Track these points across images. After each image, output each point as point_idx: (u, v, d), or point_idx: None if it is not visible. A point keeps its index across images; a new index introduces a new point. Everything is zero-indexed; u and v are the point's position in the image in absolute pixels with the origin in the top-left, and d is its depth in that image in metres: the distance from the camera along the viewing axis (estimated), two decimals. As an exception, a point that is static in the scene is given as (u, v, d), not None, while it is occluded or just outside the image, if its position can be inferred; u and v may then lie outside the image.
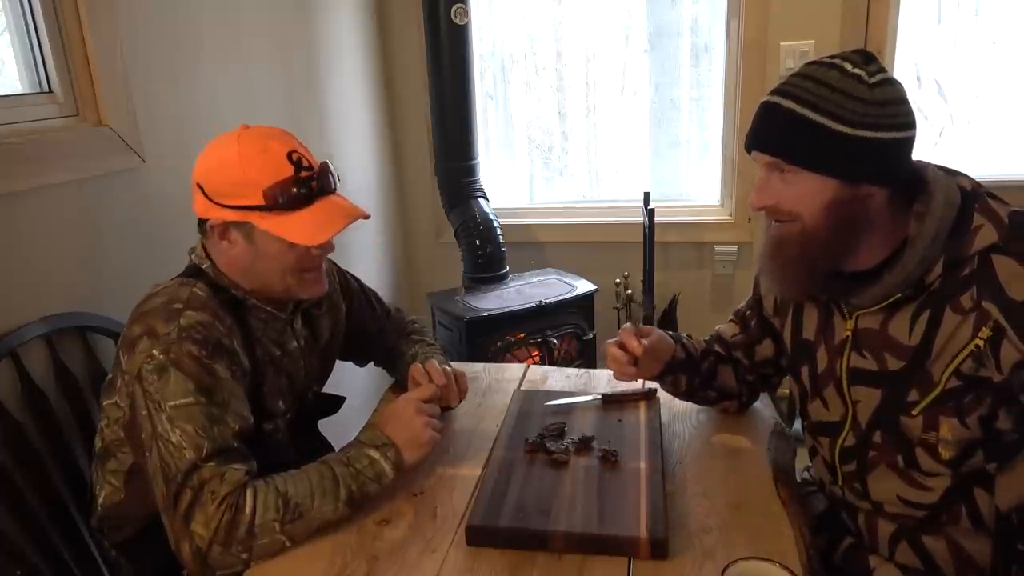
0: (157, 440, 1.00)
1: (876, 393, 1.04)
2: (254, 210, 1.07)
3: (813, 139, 0.93)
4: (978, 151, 2.61)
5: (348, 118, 2.54)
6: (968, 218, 0.95)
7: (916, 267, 0.96)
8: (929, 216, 0.95)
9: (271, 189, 1.06)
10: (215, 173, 1.09)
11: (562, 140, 3.00)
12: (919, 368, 0.99)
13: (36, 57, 1.39)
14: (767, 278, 1.12)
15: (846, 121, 0.91)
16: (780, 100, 0.96)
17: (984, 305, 0.92)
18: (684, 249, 2.83)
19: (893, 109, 0.92)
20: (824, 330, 1.12)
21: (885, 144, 0.92)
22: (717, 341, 1.33)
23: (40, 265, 1.32)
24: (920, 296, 0.98)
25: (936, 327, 0.96)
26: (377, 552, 1.01)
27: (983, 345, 0.92)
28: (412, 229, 3.06)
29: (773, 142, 0.98)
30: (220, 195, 1.08)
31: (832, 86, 0.92)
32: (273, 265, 1.12)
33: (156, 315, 1.05)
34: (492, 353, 2.34)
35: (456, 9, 2.44)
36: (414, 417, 1.12)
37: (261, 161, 1.07)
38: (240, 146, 1.07)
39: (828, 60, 0.95)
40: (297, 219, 1.08)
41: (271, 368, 1.19)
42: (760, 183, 1.01)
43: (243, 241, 1.11)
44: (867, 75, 0.92)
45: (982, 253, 0.93)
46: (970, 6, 2.57)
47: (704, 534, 1.02)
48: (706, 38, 2.75)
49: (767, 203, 1.00)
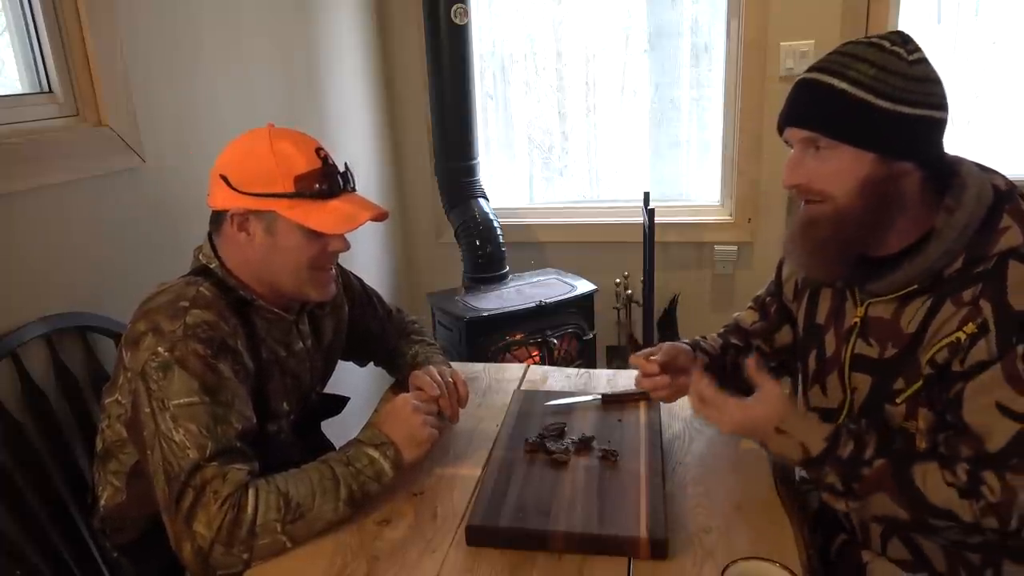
0: (159, 439, 1.00)
1: (868, 380, 1.05)
2: (282, 198, 1.09)
3: (853, 113, 0.92)
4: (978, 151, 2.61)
5: (348, 118, 2.54)
6: (997, 217, 0.94)
7: (938, 260, 0.95)
8: (960, 210, 0.95)
9: (301, 178, 1.09)
10: (246, 161, 1.11)
11: (562, 140, 3.00)
12: (910, 357, 0.99)
13: (36, 57, 1.39)
14: (795, 260, 1.10)
15: (886, 96, 0.91)
16: (819, 76, 0.96)
17: (980, 303, 0.92)
18: (684, 249, 2.83)
19: (931, 88, 0.93)
20: (835, 315, 1.12)
21: (924, 121, 0.93)
22: (734, 331, 1.33)
23: (40, 265, 1.32)
24: (934, 288, 0.97)
25: (933, 317, 0.97)
26: (377, 552, 1.01)
27: (963, 339, 0.92)
28: (412, 229, 3.06)
29: (812, 116, 0.97)
30: (248, 183, 1.09)
31: (872, 62, 0.92)
32: (289, 260, 1.13)
33: (162, 312, 1.05)
34: (492, 353, 2.34)
35: (456, 9, 2.43)
36: (412, 415, 1.12)
37: (294, 151, 1.10)
38: (272, 138, 1.11)
39: (866, 40, 0.96)
40: (322, 210, 1.10)
41: (276, 369, 1.19)
42: (793, 160, 0.99)
43: (262, 233, 1.12)
44: (906, 52, 0.93)
45: (1002, 255, 0.93)
46: (970, 6, 2.56)
47: (704, 534, 1.02)
48: (706, 38, 2.75)
49: (799, 181, 0.99)
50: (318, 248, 1.13)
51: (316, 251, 1.13)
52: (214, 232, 1.17)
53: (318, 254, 1.14)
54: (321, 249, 1.14)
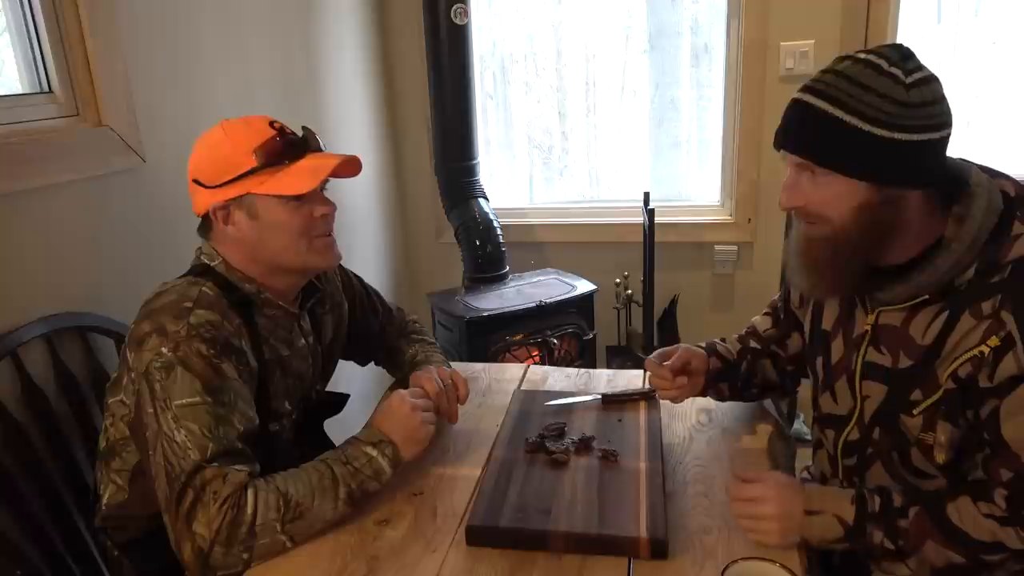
0: (162, 439, 1.00)
1: (883, 389, 1.04)
2: (250, 175, 1.10)
3: (845, 141, 0.90)
4: (978, 151, 2.62)
5: (348, 118, 2.54)
6: (1008, 225, 0.92)
7: (949, 270, 0.93)
8: (969, 220, 0.92)
9: (259, 149, 1.11)
10: (206, 156, 1.13)
11: (562, 140, 3.00)
12: (927, 368, 0.97)
13: (36, 57, 1.39)
14: (798, 276, 1.08)
15: (880, 123, 0.88)
16: (812, 99, 0.92)
17: (1002, 315, 0.90)
18: (684, 249, 2.83)
19: (929, 110, 0.89)
20: (844, 322, 1.11)
21: (920, 146, 0.89)
22: (752, 335, 1.33)
23: (40, 265, 1.32)
24: (945, 298, 0.96)
25: (951, 329, 0.94)
26: (377, 552, 1.01)
27: (987, 352, 0.90)
28: (412, 229, 3.06)
29: (805, 143, 0.94)
30: (215, 175, 1.11)
31: (867, 86, 0.89)
32: (280, 235, 1.13)
33: (166, 313, 1.05)
34: (492, 353, 2.34)
35: (456, 9, 2.43)
36: (410, 414, 1.12)
37: (246, 130, 1.13)
38: (224, 127, 1.14)
39: (864, 56, 0.91)
40: (290, 174, 1.11)
41: (278, 369, 1.19)
42: (789, 183, 0.98)
43: (246, 218, 1.12)
44: (903, 74, 0.88)
45: (1017, 263, 0.91)
46: (970, 6, 2.56)
47: (704, 534, 1.02)
48: (706, 38, 2.74)
49: (796, 204, 0.97)
50: (304, 216, 1.14)
51: (303, 219, 1.14)
52: (208, 236, 1.18)
53: (305, 221, 1.14)
54: (307, 216, 1.14)
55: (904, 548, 0.95)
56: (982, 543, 0.92)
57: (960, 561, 0.94)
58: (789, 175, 0.98)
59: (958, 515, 0.93)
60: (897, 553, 0.96)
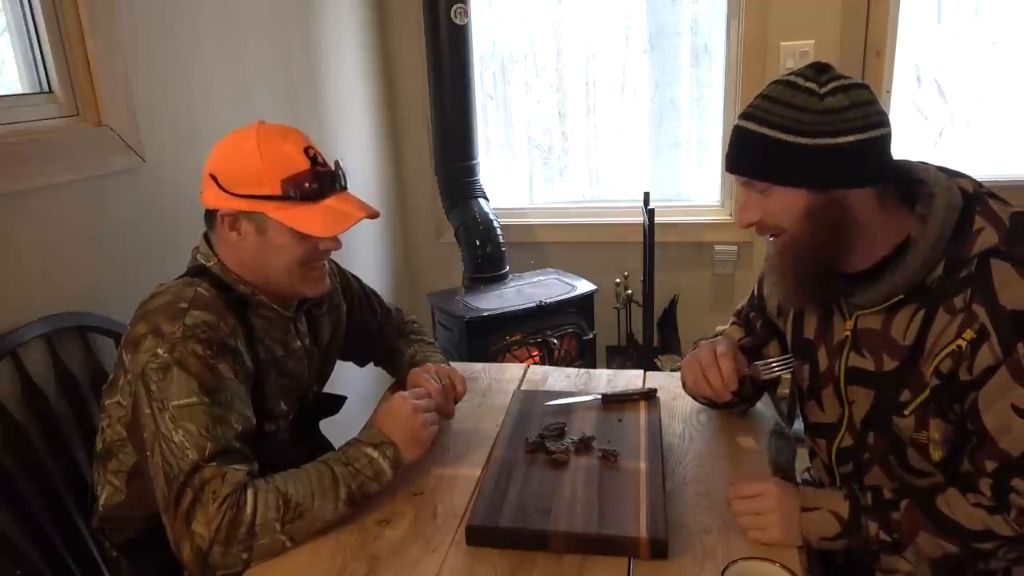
0: (159, 440, 1.00)
1: (869, 393, 1.05)
2: (269, 200, 1.08)
3: (772, 154, 0.96)
4: (978, 151, 2.62)
5: (348, 118, 2.54)
6: (970, 220, 0.96)
7: (918, 269, 0.97)
8: (932, 218, 0.96)
9: (288, 180, 1.08)
10: (233, 163, 1.10)
11: (562, 140, 3.00)
12: (912, 368, 1.00)
13: (36, 57, 1.39)
14: (773, 289, 1.16)
15: (799, 132, 0.93)
16: (745, 123, 0.99)
17: (974, 307, 0.93)
18: (684, 249, 2.83)
19: (851, 113, 0.93)
20: (824, 330, 1.12)
21: (845, 148, 0.93)
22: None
23: (40, 265, 1.32)
24: (919, 297, 0.98)
25: (929, 327, 0.97)
26: (377, 552, 1.01)
27: (964, 346, 0.93)
28: (412, 229, 3.06)
29: (742, 163, 1.01)
30: (235, 185, 1.09)
31: (787, 102, 0.95)
32: (280, 258, 1.13)
33: (161, 314, 1.05)
34: (492, 353, 2.34)
35: (456, 9, 2.44)
36: (412, 416, 1.12)
37: (280, 153, 1.09)
38: (259, 138, 1.09)
39: (784, 78, 0.98)
40: (311, 211, 1.10)
41: (274, 369, 1.19)
42: (743, 203, 1.04)
43: (253, 232, 1.11)
44: (818, 86, 0.94)
45: (982, 256, 0.94)
46: (970, 6, 2.57)
47: (704, 534, 1.02)
48: (706, 38, 2.75)
49: (752, 219, 1.03)
50: (309, 247, 1.13)
51: (307, 250, 1.13)
52: (209, 230, 1.17)
53: (309, 253, 1.14)
54: (312, 248, 1.14)
55: (899, 541, 0.97)
56: (973, 531, 0.94)
57: (954, 551, 0.95)
58: (742, 196, 1.04)
59: (948, 505, 0.95)
60: (893, 545, 0.97)
